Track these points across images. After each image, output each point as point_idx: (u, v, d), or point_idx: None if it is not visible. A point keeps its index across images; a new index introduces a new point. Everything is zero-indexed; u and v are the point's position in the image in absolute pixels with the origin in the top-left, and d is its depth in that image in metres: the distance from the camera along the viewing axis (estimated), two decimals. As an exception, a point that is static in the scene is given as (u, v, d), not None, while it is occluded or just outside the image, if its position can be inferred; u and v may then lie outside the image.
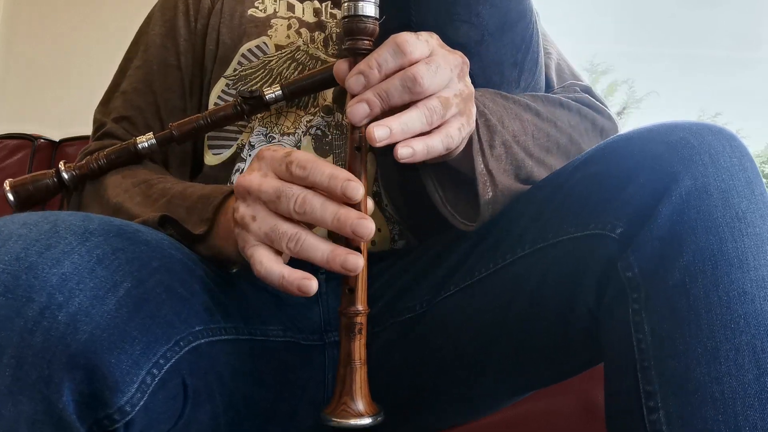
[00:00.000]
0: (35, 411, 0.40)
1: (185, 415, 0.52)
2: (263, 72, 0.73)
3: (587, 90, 0.76)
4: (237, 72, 0.74)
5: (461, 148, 0.55)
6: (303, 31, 0.75)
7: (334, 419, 0.50)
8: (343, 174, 0.48)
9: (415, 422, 0.71)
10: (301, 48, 0.74)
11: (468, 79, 0.53)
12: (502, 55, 0.62)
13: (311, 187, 0.48)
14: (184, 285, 0.52)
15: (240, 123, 0.72)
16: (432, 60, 0.50)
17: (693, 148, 0.49)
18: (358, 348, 0.51)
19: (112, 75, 0.82)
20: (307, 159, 0.48)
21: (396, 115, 0.50)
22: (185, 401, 0.51)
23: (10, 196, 0.67)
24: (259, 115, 0.72)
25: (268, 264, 0.49)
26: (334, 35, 0.75)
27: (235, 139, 0.72)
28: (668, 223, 0.47)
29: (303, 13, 0.77)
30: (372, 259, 0.65)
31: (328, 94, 0.71)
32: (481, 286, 0.61)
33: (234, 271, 0.62)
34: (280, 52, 0.74)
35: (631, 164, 0.50)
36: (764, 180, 0.50)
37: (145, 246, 0.49)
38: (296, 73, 0.72)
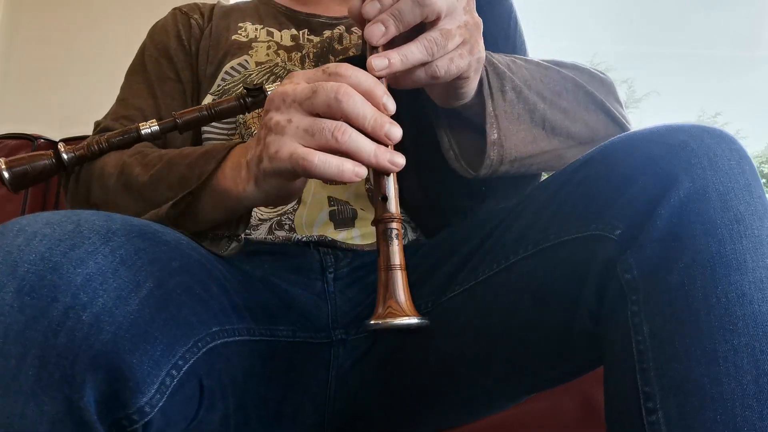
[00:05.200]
0: (57, 411, 0.40)
1: (198, 417, 0.52)
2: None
3: None
4: (221, 87, 0.79)
5: (474, 83, 0.58)
6: (281, 52, 0.82)
7: (381, 321, 0.49)
8: (381, 87, 0.51)
9: (416, 422, 0.71)
10: (280, 64, 0.80)
11: (475, 13, 0.57)
12: (494, 26, 0.67)
13: None
14: (202, 286, 0.52)
15: (230, 129, 0.75)
16: None
17: (692, 150, 0.49)
18: (398, 251, 0.52)
19: (112, 76, 0.84)
20: (345, 65, 0.51)
21: (396, 48, 0.53)
22: (200, 402, 0.52)
23: (5, 174, 0.65)
24: (256, 115, 0.73)
25: (322, 156, 0.49)
26: (311, 54, 0.81)
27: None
28: (667, 225, 0.47)
29: (281, 39, 0.84)
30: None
31: None
32: (485, 286, 0.61)
33: (229, 249, 0.63)
34: (260, 67, 0.80)
35: (631, 166, 0.51)
36: (763, 181, 0.50)
37: (165, 246, 0.49)
38: (275, 86, 0.73)
